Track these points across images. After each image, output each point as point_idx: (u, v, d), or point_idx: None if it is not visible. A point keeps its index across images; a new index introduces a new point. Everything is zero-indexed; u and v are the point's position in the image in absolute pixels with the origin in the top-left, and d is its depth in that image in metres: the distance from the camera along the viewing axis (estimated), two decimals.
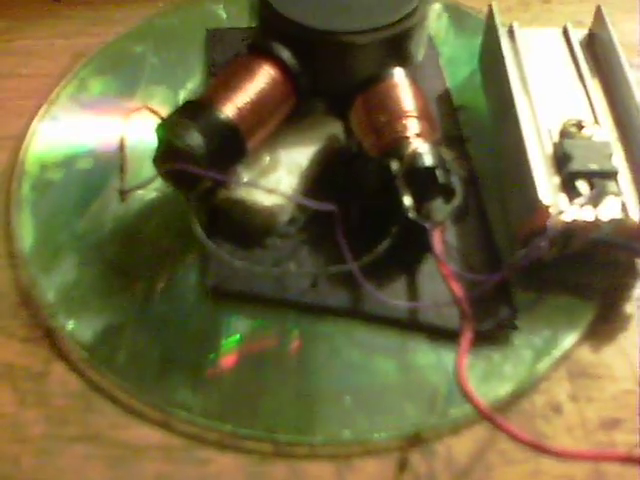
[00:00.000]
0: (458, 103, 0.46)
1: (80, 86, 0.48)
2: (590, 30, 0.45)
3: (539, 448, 0.29)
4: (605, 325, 0.37)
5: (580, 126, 0.38)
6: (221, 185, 0.38)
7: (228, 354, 0.36)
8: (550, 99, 0.41)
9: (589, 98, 0.41)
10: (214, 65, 0.48)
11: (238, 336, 0.36)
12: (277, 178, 0.39)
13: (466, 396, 0.31)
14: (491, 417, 0.30)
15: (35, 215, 0.41)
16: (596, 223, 0.35)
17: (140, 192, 0.41)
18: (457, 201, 0.37)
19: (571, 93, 0.41)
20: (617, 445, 0.33)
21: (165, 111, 0.39)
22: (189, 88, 0.47)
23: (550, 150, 0.38)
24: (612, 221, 0.35)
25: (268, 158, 0.40)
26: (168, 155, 0.36)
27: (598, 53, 0.43)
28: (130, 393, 0.35)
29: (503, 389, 0.35)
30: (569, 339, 0.36)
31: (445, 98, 0.47)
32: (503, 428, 0.30)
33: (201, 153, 0.36)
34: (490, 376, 0.35)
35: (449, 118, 0.45)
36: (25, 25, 0.54)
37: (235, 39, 0.49)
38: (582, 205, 0.35)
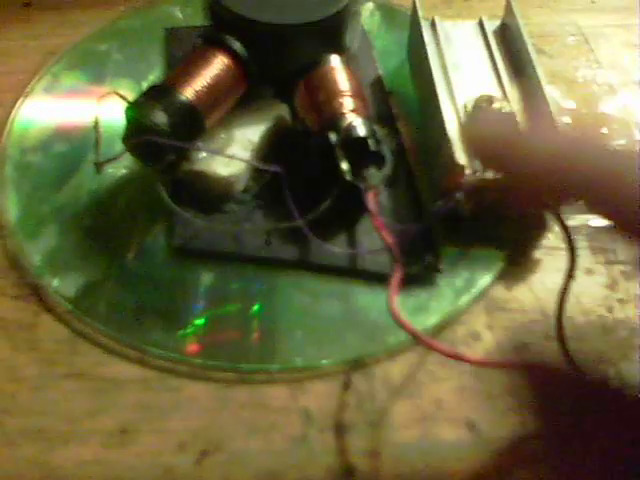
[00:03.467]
0: (389, 89, 0.52)
1: (52, 80, 0.53)
2: (502, 21, 0.50)
3: (459, 358, 0.35)
4: (516, 268, 0.43)
5: (491, 101, 0.44)
6: (183, 158, 0.43)
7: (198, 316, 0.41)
8: (466, 81, 0.46)
9: (500, 79, 0.46)
10: (172, 59, 0.53)
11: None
12: (232, 153, 0.44)
13: (397, 321, 0.36)
14: (419, 336, 0.35)
15: (18, 192, 0.46)
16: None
17: (112, 170, 0.46)
18: (387, 168, 0.42)
19: (484, 75, 0.47)
20: None
21: (131, 97, 0.44)
22: (150, 80, 0.52)
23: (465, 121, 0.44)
24: None
25: (224, 135, 0.45)
26: (136, 133, 0.41)
27: (509, 40, 0.49)
28: (110, 337, 0.40)
29: (429, 321, 0.40)
30: (485, 280, 0.42)
31: (378, 84, 0.52)
32: (429, 345, 0.35)
33: (165, 130, 0.40)
34: (418, 311, 0.41)
35: (381, 101, 0.50)
36: None
37: (190, 36, 0.54)
38: None
